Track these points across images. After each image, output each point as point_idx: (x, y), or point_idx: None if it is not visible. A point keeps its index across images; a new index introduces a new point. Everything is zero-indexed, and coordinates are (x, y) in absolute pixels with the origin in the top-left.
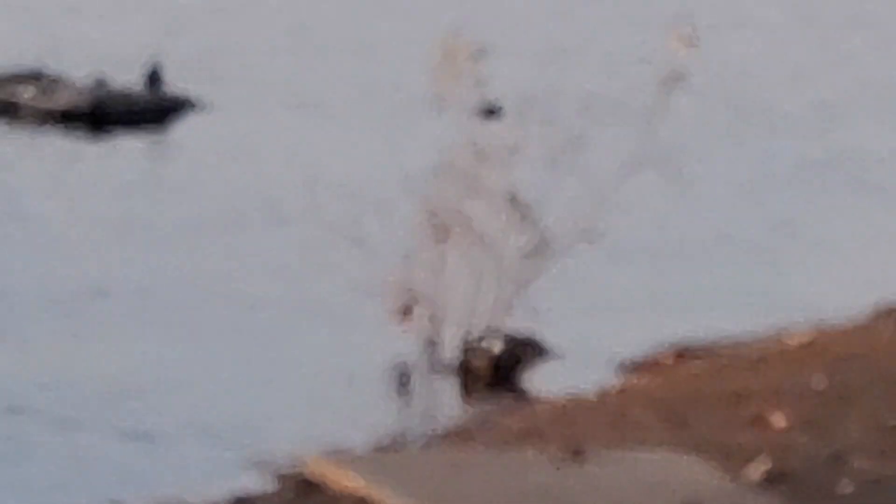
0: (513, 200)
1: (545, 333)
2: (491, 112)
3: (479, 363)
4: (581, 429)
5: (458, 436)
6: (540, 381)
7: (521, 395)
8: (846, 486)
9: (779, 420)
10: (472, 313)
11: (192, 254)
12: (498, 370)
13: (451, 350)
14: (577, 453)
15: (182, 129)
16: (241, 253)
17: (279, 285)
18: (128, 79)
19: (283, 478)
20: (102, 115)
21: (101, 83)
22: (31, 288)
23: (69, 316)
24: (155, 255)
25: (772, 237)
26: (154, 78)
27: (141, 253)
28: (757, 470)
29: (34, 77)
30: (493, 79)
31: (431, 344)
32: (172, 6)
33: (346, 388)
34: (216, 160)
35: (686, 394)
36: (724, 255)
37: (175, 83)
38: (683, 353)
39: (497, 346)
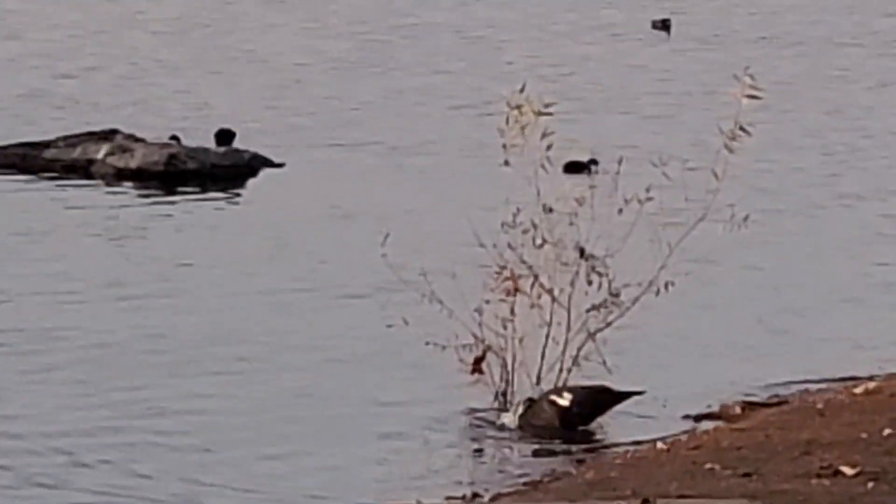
0: (581, 253)
1: (614, 384)
2: (585, 165)
3: (549, 414)
4: (651, 479)
5: (530, 486)
6: (610, 431)
7: (591, 445)
8: None
9: (848, 469)
10: (542, 364)
11: (273, 317)
12: (567, 421)
13: (521, 401)
14: (647, 503)
15: (257, 188)
16: (321, 309)
17: (355, 340)
18: (202, 139)
19: None
20: (176, 172)
21: (175, 141)
22: None
23: None
24: (250, 322)
25: (858, 288)
26: (224, 136)
27: (239, 319)
28: None
29: (108, 135)
30: (560, 136)
31: (503, 395)
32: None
33: (421, 439)
34: (291, 219)
35: (755, 443)
36: (791, 307)
37: (249, 144)
38: (751, 403)
39: (566, 399)
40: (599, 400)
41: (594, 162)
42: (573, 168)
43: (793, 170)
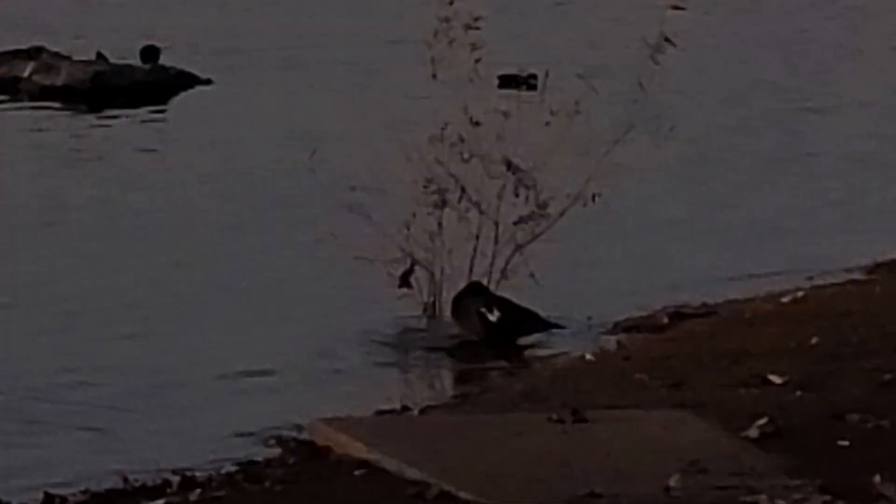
0: (508, 166)
1: (542, 296)
2: (520, 79)
3: (476, 325)
4: (581, 390)
5: (459, 399)
6: (538, 344)
7: (520, 358)
8: (844, 441)
9: (776, 378)
10: (471, 277)
11: (204, 240)
12: (496, 335)
13: (449, 314)
14: (576, 414)
15: (183, 105)
16: (250, 226)
17: (284, 257)
18: (127, 56)
19: (287, 444)
20: (103, 90)
21: (100, 58)
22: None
23: None
24: (171, 247)
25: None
26: (149, 53)
27: (153, 247)
28: (756, 427)
29: (34, 53)
30: (487, 53)
31: (431, 308)
32: None
33: (350, 353)
34: (219, 137)
35: (684, 353)
36: (724, 220)
37: (175, 60)
38: (679, 313)
39: (494, 314)
40: (525, 326)
41: (533, 76)
42: (508, 82)
43: (724, 81)
